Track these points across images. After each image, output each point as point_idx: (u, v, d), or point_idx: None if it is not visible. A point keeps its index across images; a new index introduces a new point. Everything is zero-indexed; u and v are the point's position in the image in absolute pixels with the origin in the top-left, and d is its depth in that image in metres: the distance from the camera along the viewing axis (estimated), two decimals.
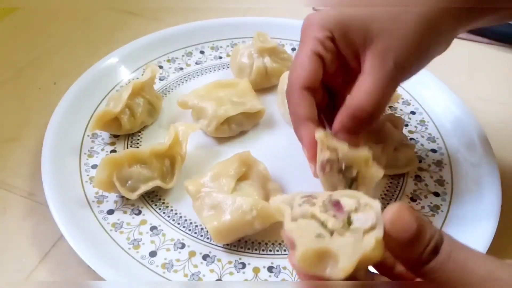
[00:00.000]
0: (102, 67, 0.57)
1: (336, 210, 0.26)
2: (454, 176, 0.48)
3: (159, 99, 0.53)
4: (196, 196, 0.42)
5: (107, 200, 0.45)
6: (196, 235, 0.42)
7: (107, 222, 0.43)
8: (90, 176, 0.46)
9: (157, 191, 0.46)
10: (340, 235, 0.25)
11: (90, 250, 0.39)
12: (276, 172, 0.46)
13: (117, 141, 0.51)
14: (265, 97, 0.57)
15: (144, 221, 0.43)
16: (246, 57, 0.56)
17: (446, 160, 0.50)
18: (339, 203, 0.27)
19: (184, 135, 0.47)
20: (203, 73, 0.60)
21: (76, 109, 0.52)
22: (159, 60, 0.61)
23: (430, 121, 0.54)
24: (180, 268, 0.40)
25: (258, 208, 0.39)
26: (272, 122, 0.54)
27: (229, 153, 0.46)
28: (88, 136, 0.51)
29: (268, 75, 0.56)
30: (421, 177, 0.48)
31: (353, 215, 0.26)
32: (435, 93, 0.56)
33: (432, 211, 0.45)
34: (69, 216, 0.41)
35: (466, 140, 0.51)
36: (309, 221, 0.26)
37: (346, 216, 0.26)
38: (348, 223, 0.26)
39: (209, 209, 0.41)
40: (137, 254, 0.40)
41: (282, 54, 0.58)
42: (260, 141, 0.52)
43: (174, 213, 0.44)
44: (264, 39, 0.57)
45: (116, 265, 0.39)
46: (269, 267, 0.40)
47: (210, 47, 0.64)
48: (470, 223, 0.43)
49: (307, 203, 0.27)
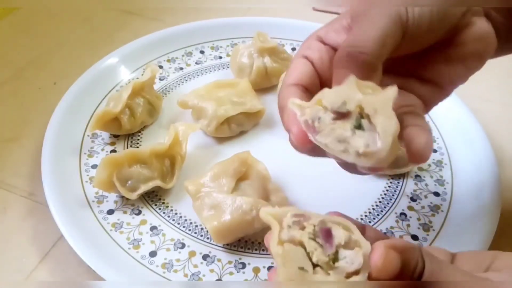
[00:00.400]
0: (102, 67, 0.57)
1: (325, 240, 0.25)
2: (454, 176, 0.48)
3: (159, 99, 0.53)
4: (196, 196, 0.42)
5: (107, 200, 0.45)
6: (196, 235, 0.42)
7: (107, 222, 0.43)
8: (90, 176, 0.46)
9: (157, 191, 0.46)
10: (323, 271, 0.25)
11: (90, 250, 0.39)
12: (276, 172, 0.46)
13: (117, 141, 0.51)
14: (265, 97, 0.57)
15: (144, 221, 0.43)
16: (246, 57, 0.56)
17: (446, 160, 0.50)
18: (330, 232, 0.26)
19: (184, 135, 0.47)
20: (203, 73, 0.60)
21: (76, 109, 0.52)
22: (159, 60, 0.61)
23: (430, 121, 0.54)
24: (180, 268, 0.40)
25: (258, 208, 0.39)
26: (272, 122, 0.54)
27: (229, 153, 0.46)
28: (88, 136, 0.51)
29: (268, 75, 0.56)
30: (421, 177, 0.48)
31: (341, 251, 0.25)
32: None
33: (432, 211, 0.45)
34: (69, 216, 0.41)
35: (466, 140, 0.51)
36: (295, 249, 0.25)
37: (334, 250, 0.25)
38: (334, 259, 0.25)
39: (209, 209, 0.41)
40: (137, 254, 0.40)
41: (282, 54, 0.58)
42: (260, 141, 0.52)
43: (174, 213, 0.44)
44: (264, 39, 0.57)
45: (116, 265, 0.39)
46: (269, 267, 0.40)
47: (210, 47, 0.64)
48: (470, 223, 0.43)
49: (297, 225, 0.26)
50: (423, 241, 0.42)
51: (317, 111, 0.28)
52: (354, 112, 0.26)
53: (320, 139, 0.27)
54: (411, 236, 0.43)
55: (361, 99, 0.26)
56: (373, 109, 0.26)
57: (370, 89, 0.27)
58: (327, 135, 0.27)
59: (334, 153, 0.27)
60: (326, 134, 0.27)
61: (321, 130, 0.27)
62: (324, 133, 0.27)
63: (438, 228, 0.43)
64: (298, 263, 0.25)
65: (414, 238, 0.43)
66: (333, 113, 0.27)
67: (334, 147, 0.27)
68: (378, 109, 0.26)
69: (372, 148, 0.26)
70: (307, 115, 0.28)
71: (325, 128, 0.27)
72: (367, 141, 0.26)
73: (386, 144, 0.25)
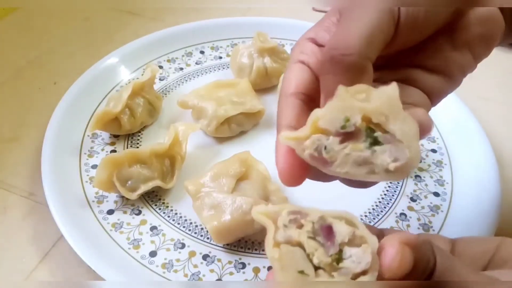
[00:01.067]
0: (102, 67, 0.57)
1: (326, 238, 0.22)
2: (454, 176, 0.48)
3: (159, 99, 0.53)
4: (196, 196, 0.42)
5: (107, 200, 0.45)
6: (196, 235, 0.42)
7: (107, 222, 0.43)
8: (90, 176, 0.46)
9: (157, 191, 0.46)
10: (326, 274, 0.22)
11: (90, 250, 0.39)
12: (276, 172, 0.46)
13: (117, 141, 0.51)
14: (265, 97, 0.57)
15: (144, 221, 0.43)
16: (246, 57, 0.56)
17: (446, 160, 0.50)
18: (331, 229, 0.23)
19: (184, 135, 0.47)
20: (203, 73, 0.60)
21: (76, 109, 0.52)
22: (159, 60, 0.61)
23: None
24: (180, 268, 0.40)
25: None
26: (272, 122, 0.54)
27: (229, 153, 0.46)
28: (88, 136, 0.51)
29: (268, 75, 0.56)
30: (421, 177, 0.48)
31: (346, 249, 0.22)
32: None
33: (432, 211, 0.45)
34: (69, 216, 0.41)
35: (466, 140, 0.51)
36: (293, 250, 0.22)
37: (337, 250, 0.22)
38: (337, 260, 0.22)
39: (209, 209, 0.41)
40: (137, 254, 0.40)
41: (282, 54, 0.58)
42: (260, 141, 0.52)
43: (174, 213, 0.44)
44: (264, 39, 0.57)
45: (116, 265, 0.39)
46: (269, 267, 0.40)
47: (210, 47, 0.64)
48: (470, 223, 0.43)
49: (293, 223, 0.23)
50: None
51: (319, 139, 0.24)
52: (361, 127, 0.23)
53: (338, 170, 0.24)
54: None
55: (364, 109, 0.23)
56: (382, 116, 0.23)
57: (363, 93, 0.24)
58: (343, 163, 0.24)
59: (358, 178, 0.24)
60: (342, 162, 0.24)
61: (333, 160, 0.24)
62: (338, 163, 0.24)
63: (438, 228, 0.43)
64: (297, 267, 0.22)
65: None
66: (338, 136, 0.23)
67: (356, 173, 0.24)
68: (388, 114, 0.23)
69: (402, 160, 0.23)
70: (309, 148, 0.24)
71: (337, 156, 0.24)
72: (393, 154, 0.23)
73: (416, 149, 0.22)
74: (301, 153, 0.25)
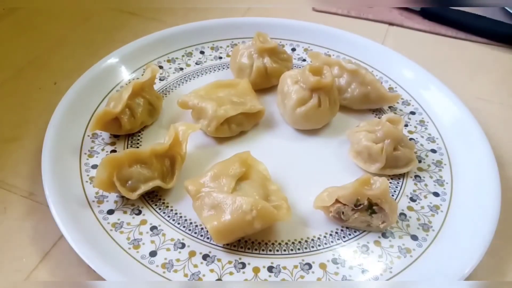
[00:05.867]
0: (102, 67, 0.57)
1: None
2: (454, 176, 0.48)
3: (159, 99, 0.53)
4: (196, 196, 0.42)
5: (107, 200, 0.45)
6: (196, 235, 0.42)
7: (107, 222, 0.43)
8: (90, 176, 0.46)
9: (157, 191, 0.46)
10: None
11: (90, 250, 0.39)
12: (276, 172, 0.46)
13: (117, 141, 0.51)
14: (265, 97, 0.57)
15: (144, 221, 0.43)
16: (246, 57, 0.56)
17: (446, 160, 0.50)
18: None
19: (184, 135, 0.47)
20: (203, 73, 0.60)
21: (76, 109, 0.52)
22: (159, 60, 0.61)
23: (429, 121, 0.54)
24: (180, 268, 0.40)
25: (258, 208, 0.39)
26: (272, 122, 0.54)
27: (229, 153, 0.46)
28: (88, 136, 0.51)
29: (268, 76, 0.56)
30: (421, 177, 0.48)
31: None
32: (434, 93, 0.56)
33: (432, 211, 0.45)
34: (69, 216, 0.41)
35: (466, 140, 0.51)
36: None
37: None
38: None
39: (209, 209, 0.41)
40: (137, 254, 0.40)
41: (282, 54, 0.58)
42: (260, 141, 0.52)
43: (174, 213, 0.44)
44: (264, 39, 0.57)
45: (116, 265, 0.39)
46: (269, 267, 0.40)
47: (210, 47, 0.64)
48: (470, 223, 0.43)
49: None
50: (422, 241, 0.42)
51: (339, 207, 0.42)
52: (364, 203, 0.41)
53: (349, 225, 0.43)
54: (410, 236, 0.43)
55: (369, 195, 0.41)
56: (378, 199, 0.41)
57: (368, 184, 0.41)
58: (353, 221, 0.42)
59: (360, 229, 0.43)
60: (352, 221, 0.42)
61: (347, 219, 0.42)
62: (350, 221, 0.42)
63: (437, 228, 0.43)
64: None
65: (414, 238, 0.43)
66: (351, 207, 0.42)
67: (359, 226, 0.43)
68: (382, 199, 0.41)
69: (386, 222, 0.42)
70: (333, 212, 0.42)
71: (350, 218, 0.42)
72: (382, 219, 0.42)
73: (394, 218, 0.42)
74: (327, 214, 0.43)
